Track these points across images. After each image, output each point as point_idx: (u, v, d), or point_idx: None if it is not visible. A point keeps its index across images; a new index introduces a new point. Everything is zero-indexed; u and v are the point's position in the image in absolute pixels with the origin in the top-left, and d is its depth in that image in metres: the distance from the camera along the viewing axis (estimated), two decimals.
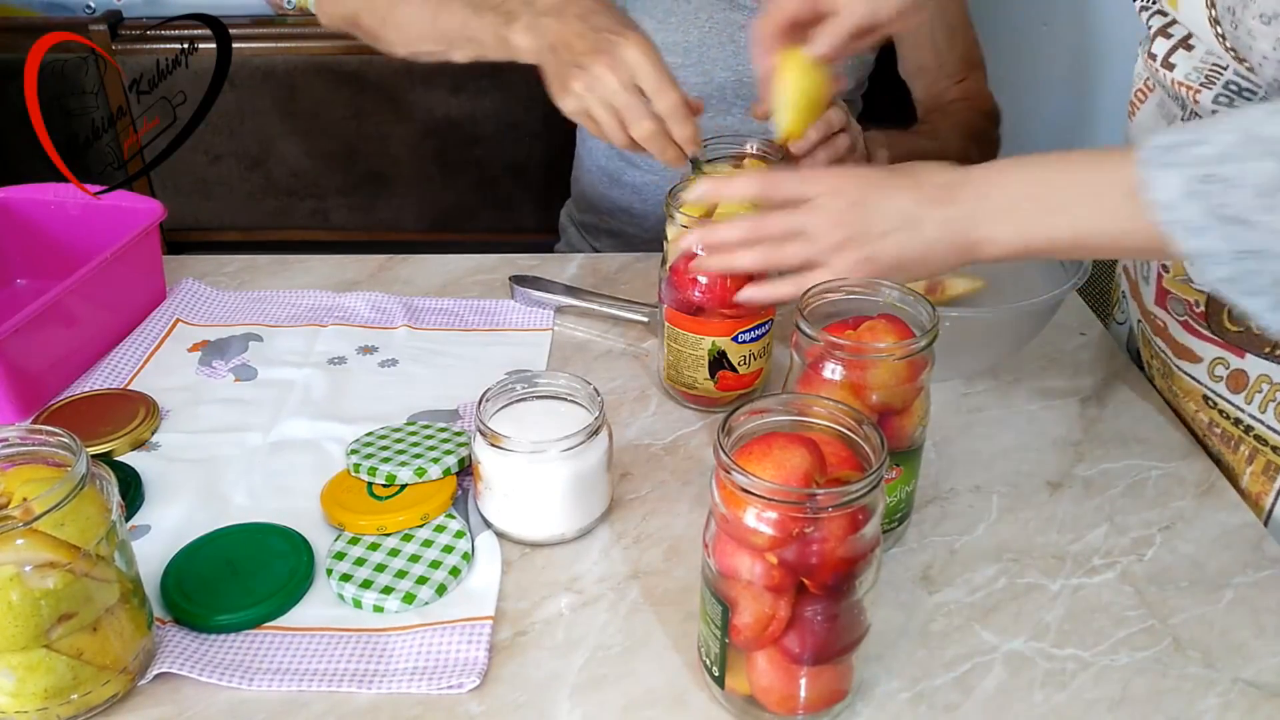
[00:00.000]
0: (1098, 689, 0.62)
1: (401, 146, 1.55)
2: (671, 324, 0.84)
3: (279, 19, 1.57)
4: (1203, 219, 0.58)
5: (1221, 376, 0.78)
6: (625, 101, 0.80)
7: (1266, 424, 0.76)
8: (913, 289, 0.69)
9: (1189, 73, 0.72)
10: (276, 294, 1.03)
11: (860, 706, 0.61)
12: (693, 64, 1.19)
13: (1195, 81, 0.72)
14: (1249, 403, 0.76)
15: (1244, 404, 0.77)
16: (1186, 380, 0.82)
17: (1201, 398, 0.81)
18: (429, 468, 0.75)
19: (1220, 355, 0.78)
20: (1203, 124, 0.60)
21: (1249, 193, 0.56)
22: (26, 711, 0.57)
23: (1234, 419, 0.78)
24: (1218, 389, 0.79)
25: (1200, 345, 0.80)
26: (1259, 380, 0.76)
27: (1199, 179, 0.58)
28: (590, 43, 0.80)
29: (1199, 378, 0.81)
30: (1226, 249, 0.58)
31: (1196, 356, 0.80)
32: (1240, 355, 0.77)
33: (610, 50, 0.79)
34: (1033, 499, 0.78)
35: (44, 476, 0.58)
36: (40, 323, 0.83)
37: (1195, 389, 0.81)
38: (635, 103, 0.80)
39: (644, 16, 1.17)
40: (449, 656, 0.63)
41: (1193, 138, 0.59)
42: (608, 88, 0.80)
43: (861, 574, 0.56)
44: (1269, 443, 0.76)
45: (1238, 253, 0.58)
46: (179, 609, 0.66)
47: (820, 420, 0.58)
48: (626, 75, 0.80)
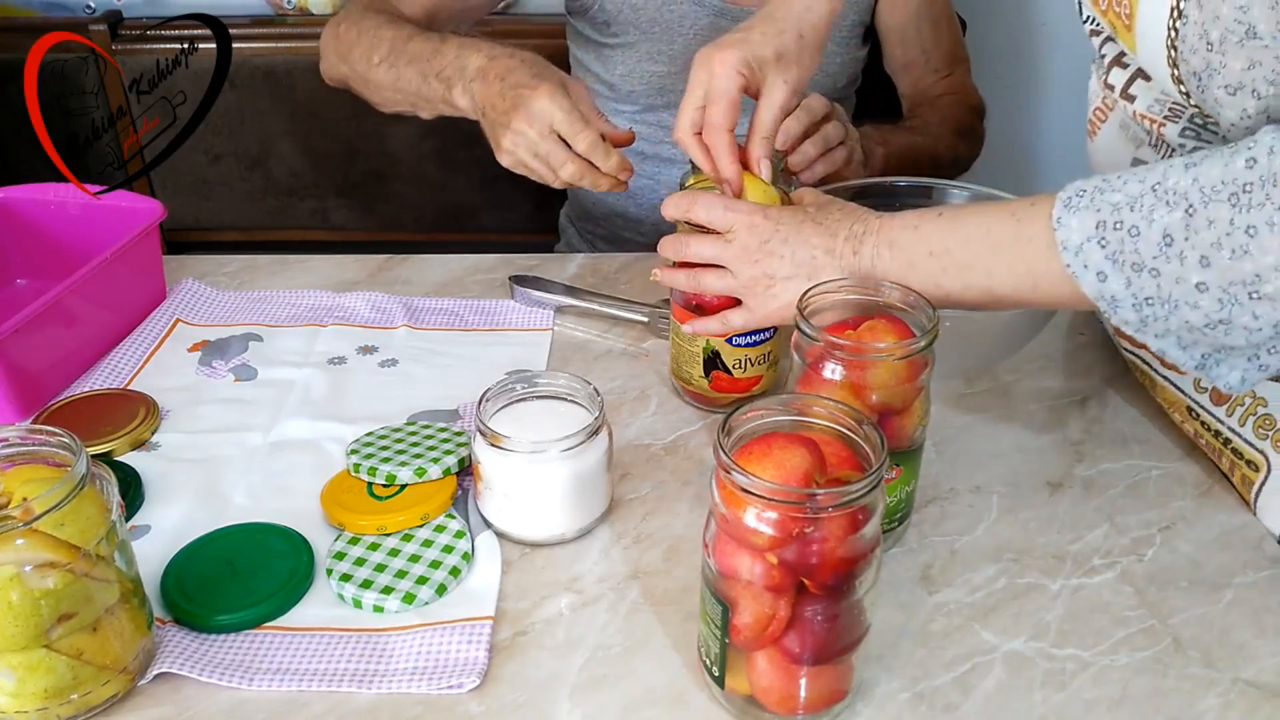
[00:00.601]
0: (1098, 689, 0.62)
1: (401, 146, 1.55)
2: (675, 319, 0.84)
3: (279, 19, 1.58)
4: (1103, 265, 0.59)
5: (1206, 388, 0.78)
6: (547, 150, 0.87)
7: (1244, 437, 0.75)
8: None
9: (1150, 105, 0.71)
10: (276, 294, 1.03)
11: (860, 706, 0.61)
12: (679, 71, 1.19)
13: (1158, 114, 0.71)
14: (1230, 415, 0.76)
15: (1224, 416, 0.76)
16: (1171, 390, 0.81)
17: (1185, 409, 0.80)
18: (429, 468, 0.75)
19: None
20: (1121, 173, 0.60)
21: (1151, 241, 0.57)
22: (26, 711, 0.57)
23: (1214, 430, 0.78)
24: (1201, 400, 0.78)
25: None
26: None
27: (1104, 225, 0.58)
28: (509, 100, 0.87)
29: (1184, 388, 0.80)
30: (1128, 295, 0.59)
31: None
32: None
33: (524, 105, 0.86)
34: (1033, 499, 0.78)
35: (44, 476, 0.58)
36: (40, 323, 0.83)
37: (1179, 400, 0.81)
38: (555, 149, 0.86)
39: (629, 28, 1.18)
40: (449, 656, 0.63)
41: (1105, 185, 0.60)
42: (529, 140, 0.87)
43: (861, 574, 0.56)
44: (1244, 456, 0.75)
45: (1141, 299, 0.58)
46: (179, 609, 0.66)
47: (820, 420, 0.58)
48: (543, 125, 0.86)
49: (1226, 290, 0.55)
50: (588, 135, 0.86)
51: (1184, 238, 0.56)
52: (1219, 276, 0.55)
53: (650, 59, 1.19)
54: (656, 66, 1.19)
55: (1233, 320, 0.56)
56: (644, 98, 1.22)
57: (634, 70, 1.20)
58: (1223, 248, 0.54)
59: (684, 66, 1.18)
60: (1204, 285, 0.56)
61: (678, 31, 1.18)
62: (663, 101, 1.22)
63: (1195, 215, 0.55)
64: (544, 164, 0.88)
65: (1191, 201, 0.55)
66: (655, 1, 1.17)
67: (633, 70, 1.20)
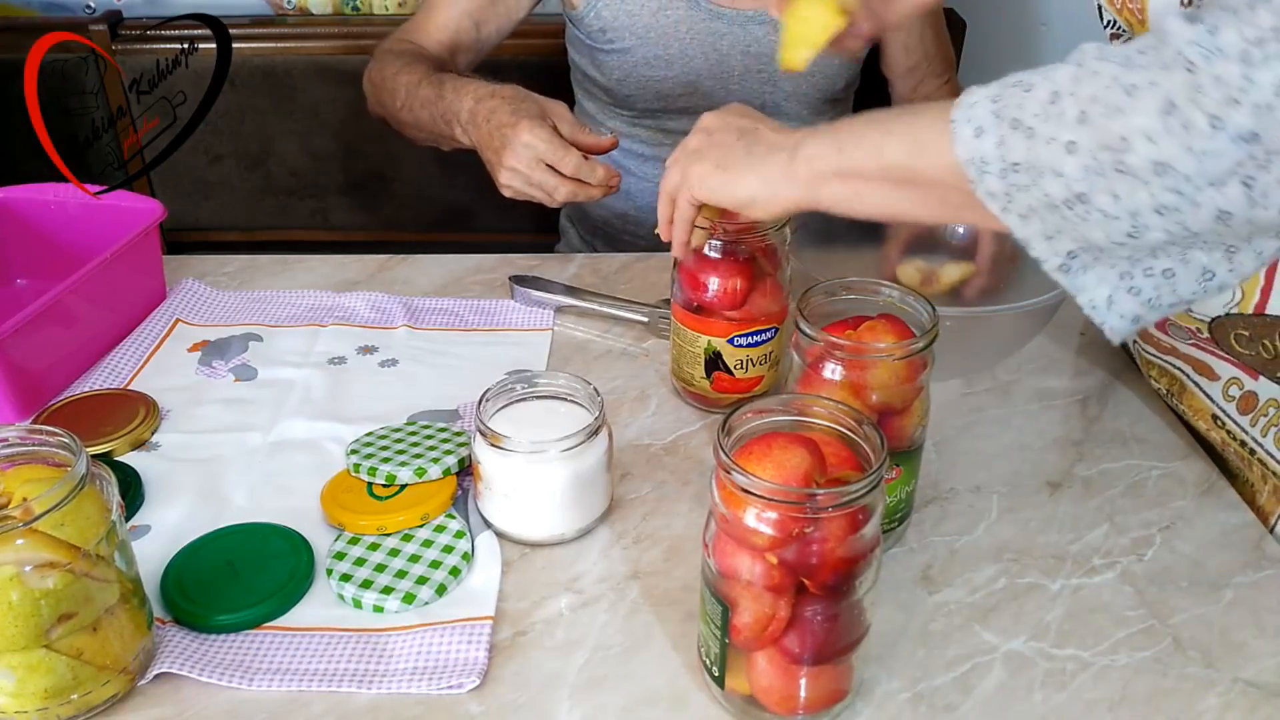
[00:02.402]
0: (1098, 689, 0.62)
1: (401, 146, 1.53)
2: (676, 319, 0.84)
3: (279, 19, 1.58)
4: (987, 120, 0.55)
5: (1234, 397, 0.77)
6: (539, 179, 0.94)
7: (1267, 449, 0.75)
8: (911, 287, 0.69)
9: None
10: (276, 294, 1.03)
11: (860, 706, 0.61)
12: (676, 75, 1.19)
13: None
14: (1253, 425, 0.76)
15: (1249, 426, 0.76)
16: (1200, 397, 0.81)
17: (1211, 417, 0.80)
18: (429, 468, 0.75)
19: (1235, 375, 0.77)
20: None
21: (1038, 98, 0.53)
22: (26, 711, 0.57)
23: (1240, 440, 0.77)
24: (1229, 409, 0.78)
25: (1218, 363, 0.79)
26: (1267, 404, 0.75)
27: (1005, 85, 0.55)
28: (498, 140, 0.96)
29: (1213, 395, 0.79)
30: (997, 157, 0.55)
31: (1215, 374, 0.79)
32: (1254, 377, 0.76)
33: (509, 143, 0.94)
34: (1033, 499, 0.78)
35: (44, 476, 0.58)
36: (40, 323, 0.83)
37: (1206, 407, 0.80)
38: (546, 177, 0.94)
39: (625, 34, 1.18)
40: (449, 656, 0.63)
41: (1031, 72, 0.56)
42: (522, 174, 0.95)
43: (861, 574, 0.56)
44: (1270, 468, 0.75)
45: (1009, 164, 0.55)
46: (179, 609, 0.66)
47: (820, 420, 0.58)
48: (530, 158, 0.94)
49: (1095, 157, 0.51)
50: (570, 160, 0.93)
51: (1070, 92, 0.52)
52: (1091, 137, 0.51)
53: (646, 64, 1.19)
54: (653, 71, 1.20)
55: (1091, 198, 0.52)
56: (641, 102, 1.22)
57: (630, 75, 1.20)
58: (1099, 102, 0.51)
59: (681, 71, 1.20)
60: (1074, 145, 0.52)
61: (674, 37, 1.18)
62: (660, 106, 1.22)
63: (1084, 67, 0.52)
64: (540, 190, 0.96)
65: (1086, 61, 0.53)
66: (650, 8, 1.17)
67: (629, 75, 1.20)
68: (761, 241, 0.80)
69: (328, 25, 1.56)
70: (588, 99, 1.30)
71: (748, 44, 1.19)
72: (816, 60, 1.22)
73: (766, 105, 1.23)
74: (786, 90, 1.22)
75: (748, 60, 1.20)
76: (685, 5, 1.17)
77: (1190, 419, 0.84)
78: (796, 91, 1.22)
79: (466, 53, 1.22)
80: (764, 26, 1.18)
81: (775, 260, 0.81)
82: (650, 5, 1.17)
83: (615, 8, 1.18)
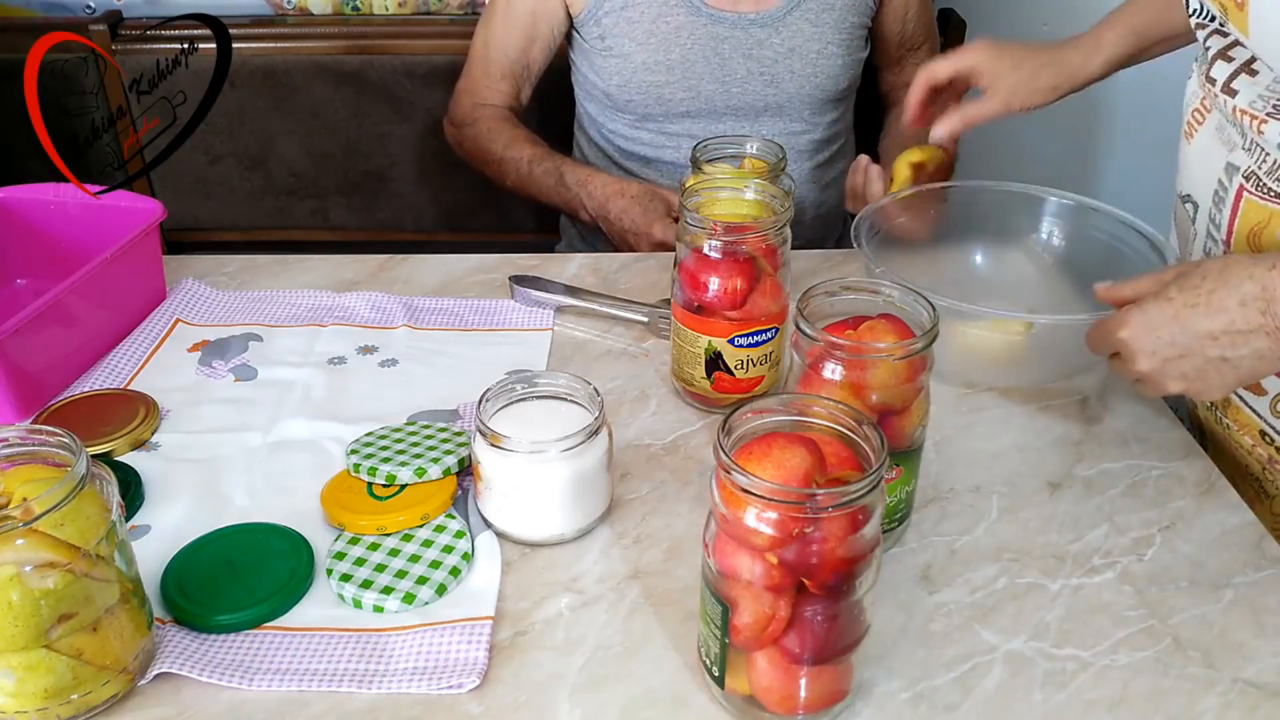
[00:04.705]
0: (1098, 689, 0.62)
1: (401, 146, 1.55)
2: (676, 319, 0.84)
3: (279, 19, 1.57)
4: None
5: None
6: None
7: None
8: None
9: (1254, 100, 0.69)
10: (276, 294, 1.03)
11: (860, 706, 0.61)
12: (678, 80, 1.19)
13: (1261, 111, 0.69)
14: None
15: None
16: (1246, 413, 0.81)
17: (1259, 433, 0.80)
18: (429, 468, 0.75)
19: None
20: None
21: None
22: (26, 711, 0.57)
23: None
24: (1278, 425, 0.78)
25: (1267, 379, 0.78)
26: None
27: None
28: (631, 238, 1.16)
29: (1260, 410, 0.79)
30: None
31: (1262, 389, 0.79)
32: None
33: (642, 241, 1.15)
34: (1033, 499, 0.78)
35: (44, 476, 0.58)
36: (40, 323, 0.83)
37: (1253, 423, 0.80)
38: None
39: (624, 39, 1.18)
40: (449, 656, 0.63)
41: None
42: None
43: (861, 574, 0.56)
44: None
45: None
46: (179, 609, 0.66)
47: (820, 420, 0.58)
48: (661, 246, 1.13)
49: None
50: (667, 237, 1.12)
51: None
52: None
53: (647, 69, 1.19)
54: (654, 76, 1.20)
55: None
56: (641, 106, 1.22)
57: (630, 80, 1.20)
58: None
59: (683, 75, 1.20)
60: None
61: (674, 41, 1.18)
62: (661, 110, 1.23)
63: None
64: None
65: None
66: (651, 13, 1.17)
67: (629, 80, 1.20)
68: (761, 241, 0.80)
69: (328, 25, 1.56)
70: (589, 101, 1.30)
71: (750, 47, 1.19)
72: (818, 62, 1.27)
73: (769, 107, 1.23)
74: (789, 92, 1.22)
75: (750, 64, 1.20)
76: (686, 10, 1.17)
77: (1232, 436, 0.83)
78: (799, 93, 1.22)
79: (527, 86, 1.32)
80: (766, 29, 1.18)
81: (775, 260, 0.81)
82: (650, 11, 1.17)
83: (615, 15, 1.18)
